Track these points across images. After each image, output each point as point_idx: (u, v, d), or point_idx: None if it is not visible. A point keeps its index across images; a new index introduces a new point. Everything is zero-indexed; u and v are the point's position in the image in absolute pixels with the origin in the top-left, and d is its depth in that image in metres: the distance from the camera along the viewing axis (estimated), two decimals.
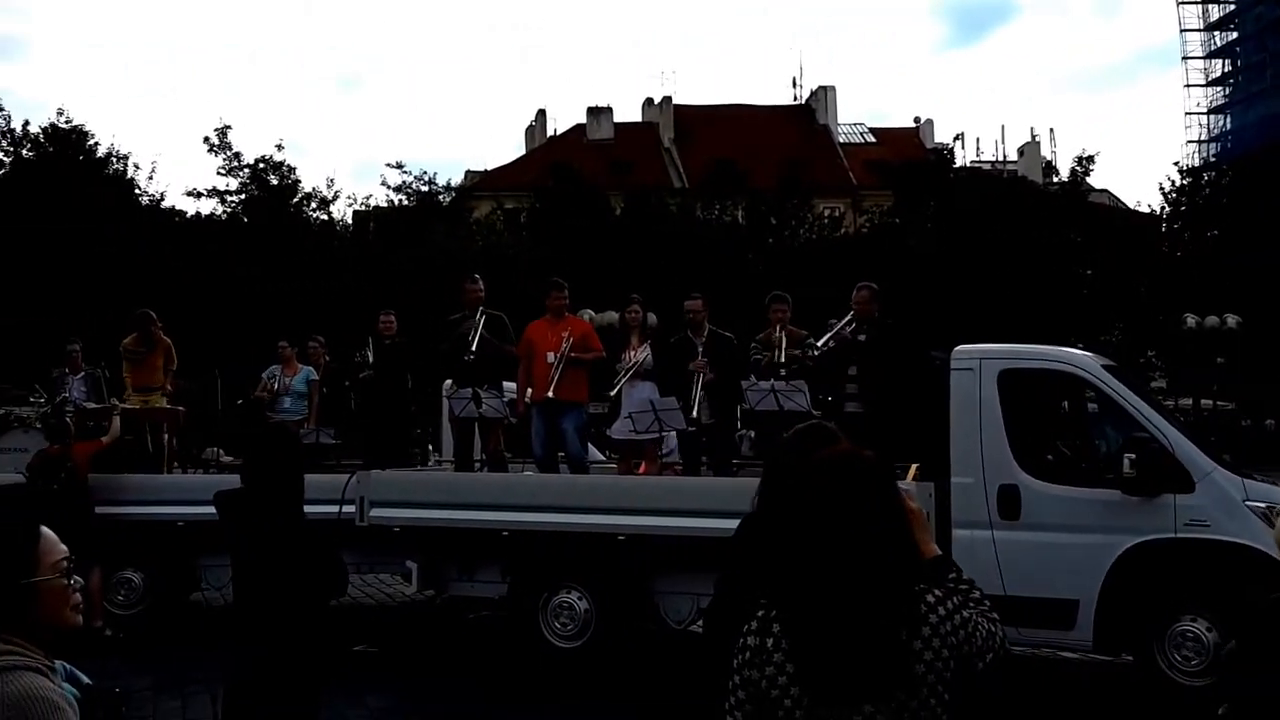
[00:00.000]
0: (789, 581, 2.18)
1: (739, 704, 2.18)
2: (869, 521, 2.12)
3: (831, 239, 31.63)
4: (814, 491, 2.18)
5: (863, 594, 2.08)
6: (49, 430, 9.90)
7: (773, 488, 3.23)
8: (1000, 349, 8.06)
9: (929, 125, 49.31)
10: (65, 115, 27.61)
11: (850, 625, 2.07)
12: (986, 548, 7.26)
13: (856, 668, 2.07)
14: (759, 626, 2.18)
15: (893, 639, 2.09)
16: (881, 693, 2.09)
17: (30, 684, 2.00)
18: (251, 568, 4.33)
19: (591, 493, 8.49)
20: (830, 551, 2.10)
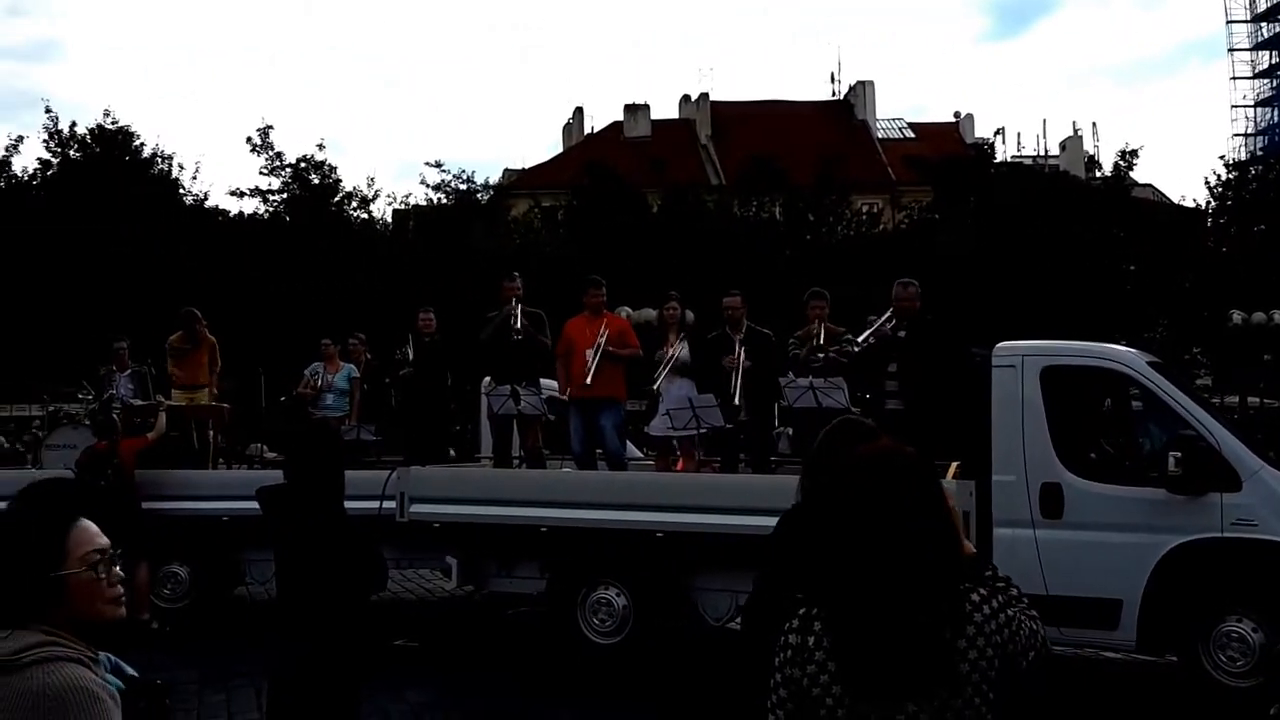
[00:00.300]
0: (830, 579, 2.16)
1: (780, 702, 2.16)
2: (910, 519, 2.09)
3: (870, 235, 31.41)
4: (854, 489, 2.16)
5: (905, 592, 2.06)
6: (96, 427, 10.08)
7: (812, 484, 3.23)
8: (1043, 346, 7.98)
9: (969, 120, 48.84)
10: (111, 116, 28.01)
11: (893, 623, 2.05)
12: (1028, 547, 7.20)
13: (899, 666, 2.05)
14: (800, 625, 2.16)
15: (936, 637, 2.06)
16: (925, 691, 2.06)
17: (71, 675, 2.02)
18: (293, 563, 4.39)
19: (629, 490, 8.51)
20: (871, 549, 2.08)
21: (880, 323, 8.59)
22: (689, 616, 8.36)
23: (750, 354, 8.92)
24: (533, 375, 9.66)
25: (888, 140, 48.76)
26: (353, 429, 10.68)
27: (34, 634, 2.07)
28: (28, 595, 2.11)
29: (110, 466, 9.44)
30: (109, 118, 27.88)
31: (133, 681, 2.25)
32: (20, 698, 1.98)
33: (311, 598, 4.26)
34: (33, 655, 2.03)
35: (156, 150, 28.22)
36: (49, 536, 2.14)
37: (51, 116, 27.45)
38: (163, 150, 28.39)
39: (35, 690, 1.98)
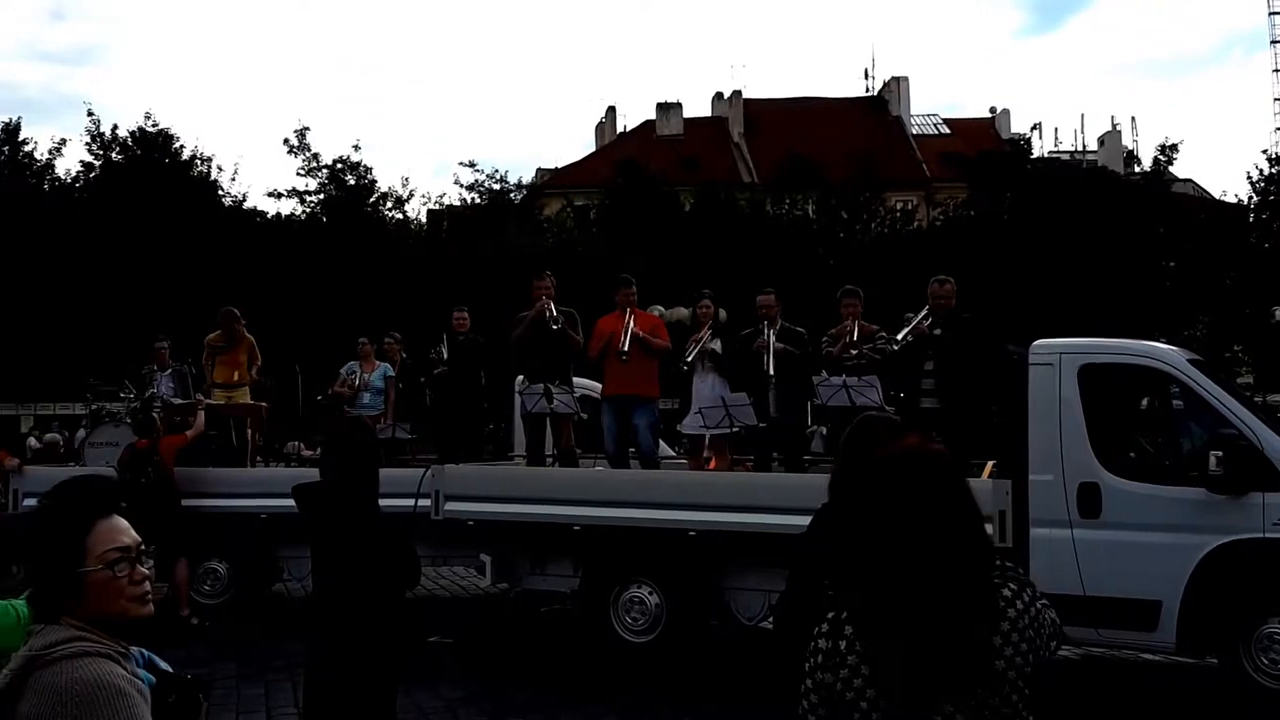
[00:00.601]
0: (860, 581, 2.12)
1: (812, 708, 2.12)
2: (941, 516, 2.06)
3: (904, 233, 31.22)
4: (881, 487, 2.12)
5: (938, 590, 2.01)
6: (137, 425, 10.21)
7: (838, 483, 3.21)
8: (1081, 343, 7.88)
9: (1005, 115, 48.40)
10: (152, 119, 28.37)
11: (927, 623, 2.01)
12: (1066, 547, 7.13)
13: (935, 667, 2.01)
14: (830, 629, 2.13)
15: (971, 635, 2.02)
16: (961, 691, 2.02)
17: (97, 670, 2.04)
18: (329, 559, 4.43)
19: (662, 488, 8.50)
20: (902, 548, 2.04)
21: (918, 320, 8.54)
22: (722, 616, 8.35)
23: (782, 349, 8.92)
24: (565, 374, 9.69)
25: (922, 136, 48.41)
26: (388, 427, 10.76)
27: (65, 629, 2.11)
28: (53, 592, 2.16)
29: (151, 464, 9.57)
30: (150, 120, 28.30)
31: (165, 676, 2.28)
32: (49, 692, 2.01)
33: (347, 594, 4.29)
34: (62, 650, 2.06)
35: (196, 152, 28.62)
36: (70, 535, 2.16)
37: (94, 119, 27.90)
38: (202, 152, 28.79)
39: (63, 685, 2.01)
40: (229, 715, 7.09)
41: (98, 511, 2.20)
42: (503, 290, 19.03)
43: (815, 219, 30.87)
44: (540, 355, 9.50)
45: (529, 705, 7.41)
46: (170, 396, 11.10)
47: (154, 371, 11.45)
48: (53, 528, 2.20)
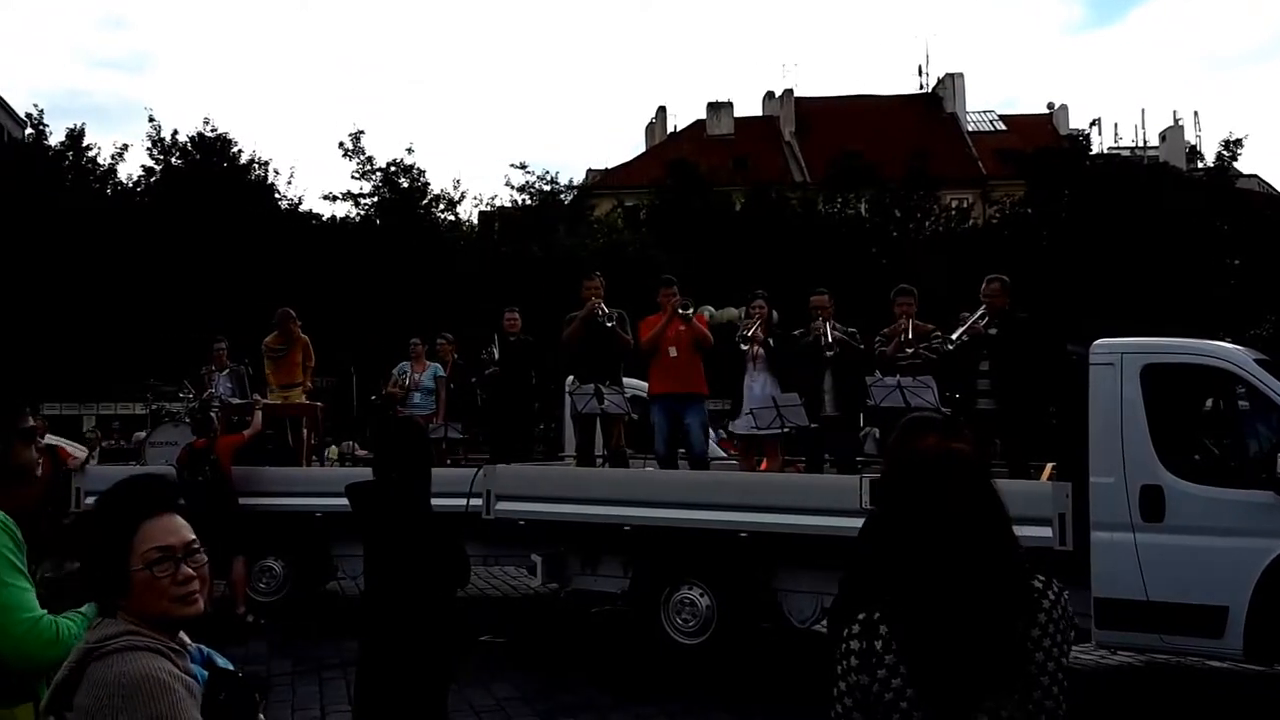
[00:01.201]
0: (897, 580, 2.08)
1: (847, 712, 2.07)
2: (973, 513, 2.04)
3: (959, 231, 30.84)
4: (913, 487, 2.11)
5: (978, 586, 1.99)
6: (195, 425, 10.36)
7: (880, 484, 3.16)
8: (1143, 343, 7.70)
9: (1063, 111, 47.65)
10: (211, 124, 28.86)
11: (969, 619, 1.98)
12: (1128, 551, 6.96)
13: (976, 664, 1.97)
14: (862, 630, 2.08)
15: (1011, 630, 2.00)
16: (1005, 687, 1.99)
17: (144, 664, 2.07)
18: (381, 558, 4.44)
19: (713, 489, 8.45)
20: (938, 545, 2.02)
21: (974, 320, 8.41)
22: (774, 618, 8.28)
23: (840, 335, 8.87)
24: (616, 374, 9.67)
25: (978, 133, 47.84)
26: (440, 427, 10.81)
27: (119, 624, 2.15)
28: (104, 589, 2.20)
29: (208, 463, 9.70)
30: (208, 125, 28.79)
31: (220, 674, 2.28)
32: (100, 684, 2.06)
33: (398, 593, 4.30)
34: (114, 644, 2.10)
35: (253, 156, 29.11)
36: (116, 534, 2.19)
37: (154, 125, 28.46)
38: (259, 156, 29.24)
39: (112, 678, 2.05)
40: (284, 712, 7.15)
41: (148, 511, 2.22)
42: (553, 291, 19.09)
43: (868, 218, 30.60)
44: (590, 355, 9.50)
45: (579, 705, 7.40)
46: (228, 396, 11.24)
47: (212, 372, 11.61)
48: (101, 526, 2.23)
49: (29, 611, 2.70)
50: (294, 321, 11.40)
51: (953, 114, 48.42)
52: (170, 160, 28.26)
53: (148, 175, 28.43)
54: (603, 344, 9.45)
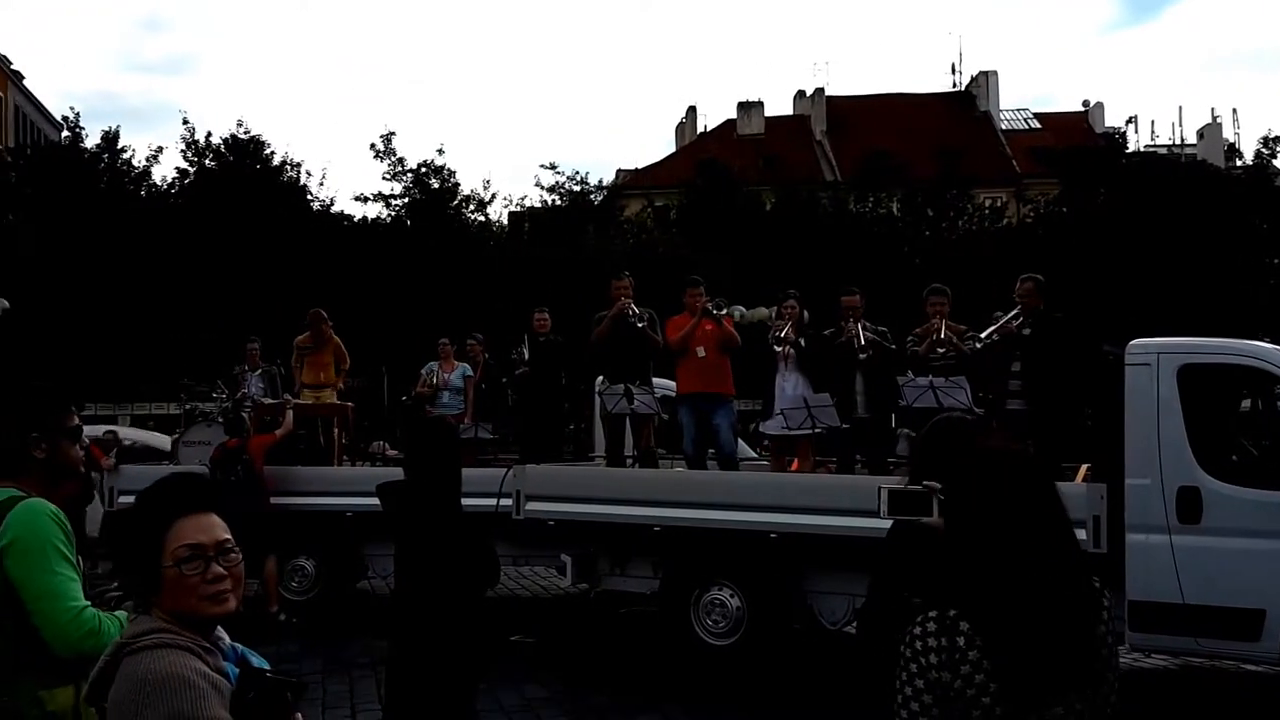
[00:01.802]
0: (978, 580, 2.12)
1: (925, 709, 2.10)
2: (1046, 516, 2.12)
3: (993, 230, 30.58)
4: (988, 490, 2.16)
5: (1053, 585, 2.09)
6: (227, 424, 10.44)
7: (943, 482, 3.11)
8: (1180, 343, 7.60)
9: (1099, 109, 47.13)
10: (244, 126, 29.09)
11: (1048, 618, 2.07)
12: (1164, 553, 6.87)
13: (1059, 662, 2.07)
14: (940, 627, 2.11)
15: (1087, 628, 2.11)
16: (1083, 685, 2.09)
17: (172, 662, 2.09)
18: (412, 557, 4.45)
19: (743, 490, 8.42)
20: (1019, 550, 2.09)
21: (1006, 319, 8.33)
22: (804, 619, 8.23)
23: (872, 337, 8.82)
24: (645, 374, 9.66)
25: (1012, 131, 47.42)
26: (470, 427, 10.84)
27: (153, 620, 2.18)
28: (138, 586, 2.24)
29: (240, 463, 9.77)
30: (241, 127, 28.99)
31: (252, 674, 2.29)
32: (129, 679, 2.09)
33: (428, 592, 4.31)
34: (146, 640, 2.13)
35: (286, 158, 29.23)
36: (149, 531, 2.22)
37: (189, 127, 28.70)
38: (292, 158, 29.39)
39: (140, 675, 2.08)
40: (315, 711, 7.19)
41: (181, 509, 2.24)
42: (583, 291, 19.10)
43: (900, 217, 30.41)
44: (620, 355, 9.49)
45: (608, 706, 7.40)
46: (260, 396, 11.33)
47: (245, 372, 11.71)
48: (135, 524, 2.26)
49: (74, 600, 2.82)
50: (326, 322, 11.47)
51: (986, 112, 48.01)
52: (204, 162, 28.48)
53: (182, 177, 28.68)
54: (632, 344, 9.44)
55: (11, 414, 3.03)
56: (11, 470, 2.98)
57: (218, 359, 15.47)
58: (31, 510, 2.86)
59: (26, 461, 2.98)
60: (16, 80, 46.83)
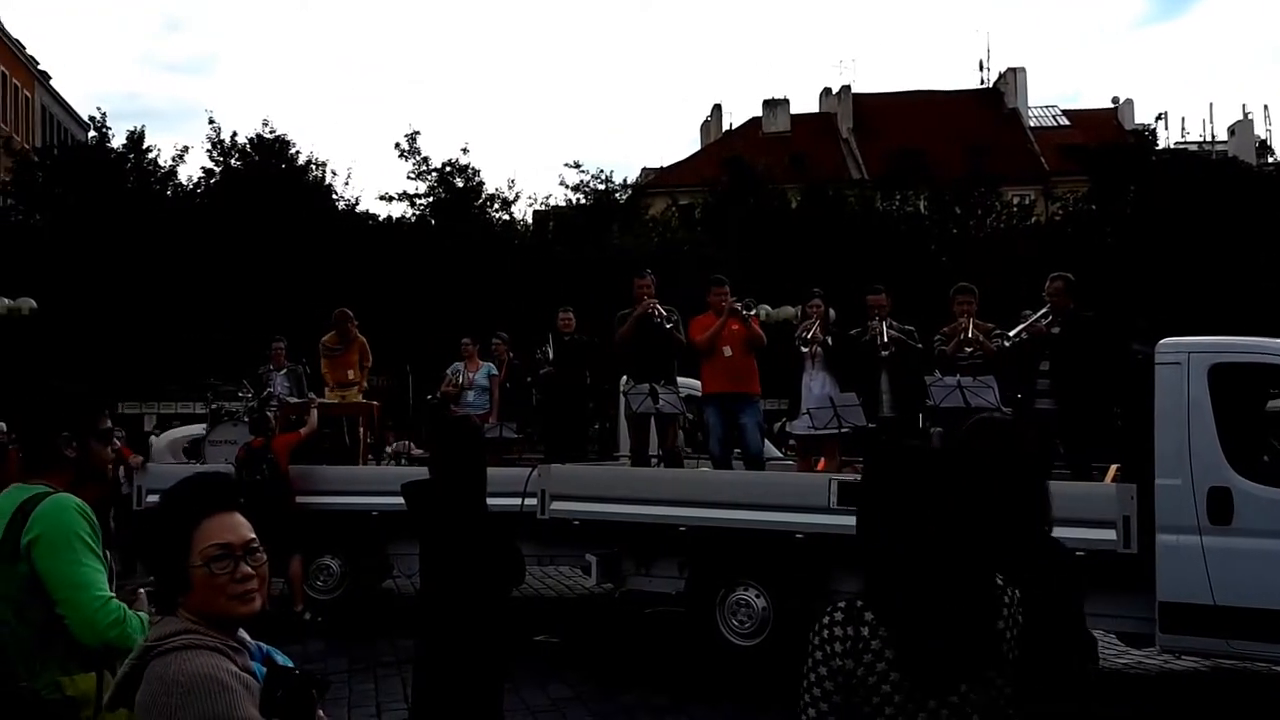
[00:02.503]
0: (881, 573, 2.26)
1: (825, 695, 2.23)
2: (953, 515, 2.23)
3: (1021, 228, 30.34)
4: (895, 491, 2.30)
5: (956, 583, 2.21)
6: (252, 424, 10.48)
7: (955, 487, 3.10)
8: (1211, 342, 7.50)
9: (1128, 105, 46.71)
10: (269, 126, 29.25)
11: (950, 612, 2.18)
12: (1194, 554, 6.78)
13: (958, 652, 2.19)
14: (846, 617, 2.23)
15: (989, 623, 2.22)
16: (977, 673, 2.21)
17: (201, 663, 2.09)
18: (436, 556, 4.45)
19: (769, 490, 8.39)
20: (927, 547, 2.21)
21: (1035, 318, 8.26)
22: None
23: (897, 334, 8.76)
24: (670, 373, 9.63)
25: (1040, 129, 47.07)
26: (495, 426, 10.85)
27: (179, 621, 2.17)
28: (166, 585, 2.24)
29: (265, 462, 9.81)
30: (267, 127, 29.14)
31: (279, 672, 2.30)
32: (158, 681, 2.08)
33: (454, 592, 4.30)
34: (173, 642, 2.13)
35: (311, 158, 29.38)
36: (177, 531, 2.22)
37: (214, 127, 28.85)
38: (317, 158, 29.54)
39: (169, 677, 2.08)
40: (340, 710, 7.21)
41: (208, 508, 2.24)
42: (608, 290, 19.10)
43: (927, 215, 30.23)
44: (645, 355, 9.47)
45: (634, 706, 7.38)
46: (285, 396, 11.37)
47: (270, 371, 11.75)
48: (163, 523, 2.26)
49: (100, 590, 2.91)
50: (351, 322, 11.50)
51: (1014, 109, 47.67)
52: (229, 162, 28.66)
53: (207, 177, 28.88)
54: (657, 343, 9.41)
55: (44, 413, 3.12)
56: (42, 468, 3.06)
57: (243, 358, 15.55)
58: (58, 504, 2.94)
59: (57, 460, 3.06)
60: (43, 80, 47.35)
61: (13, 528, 2.90)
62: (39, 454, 3.07)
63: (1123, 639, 7.79)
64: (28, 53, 45.90)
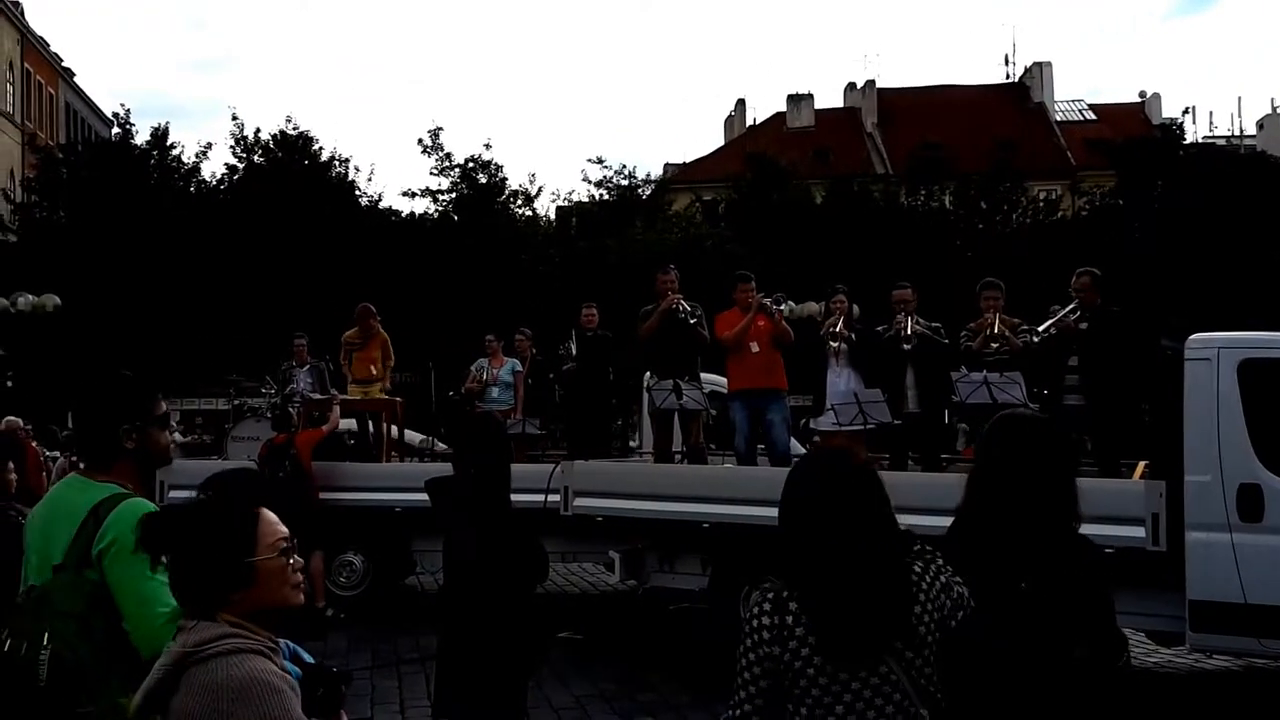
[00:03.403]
0: (803, 563, 2.48)
1: (754, 679, 2.46)
2: (867, 512, 2.49)
3: (1047, 223, 30.10)
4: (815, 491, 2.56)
5: (876, 573, 2.42)
6: (275, 420, 10.50)
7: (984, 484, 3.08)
8: (1241, 337, 7.38)
9: (1155, 100, 46.25)
10: (292, 122, 29.37)
11: (869, 600, 2.39)
12: (1225, 552, 6.68)
13: (874, 635, 2.40)
14: (773, 606, 2.45)
15: (899, 606, 2.41)
16: (894, 653, 2.41)
17: (252, 667, 2.06)
18: (460, 553, 4.43)
19: None
20: (843, 541, 2.44)
21: (1064, 314, 8.17)
22: None
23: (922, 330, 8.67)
24: (694, 369, 9.58)
25: (1067, 123, 46.68)
26: (518, 422, 10.83)
27: (218, 626, 2.12)
28: (223, 581, 2.16)
29: (288, 458, 9.81)
30: (290, 123, 29.26)
31: (310, 668, 2.29)
32: (204, 690, 2.04)
33: (476, 588, 4.29)
34: (216, 647, 2.08)
35: (334, 154, 29.48)
36: (242, 523, 2.20)
37: (238, 124, 29.00)
38: (340, 154, 29.65)
39: (218, 683, 2.04)
40: (363, 706, 7.21)
41: (259, 503, 2.25)
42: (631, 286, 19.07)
43: (953, 210, 30.04)
44: (668, 351, 9.43)
45: (658, 703, 7.35)
46: (308, 392, 11.39)
47: (293, 367, 11.78)
48: (224, 517, 2.21)
49: (165, 605, 2.73)
50: (374, 317, 11.51)
51: (1040, 104, 47.29)
52: (253, 158, 28.77)
53: (231, 173, 29.02)
54: (681, 339, 9.37)
55: (103, 406, 2.97)
56: (105, 463, 2.91)
57: (266, 355, 15.61)
58: (134, 510, 2.75)
59: (120, 452, 2.91)
60: (67, 78, 47.74)
61: (84, 532, 2.73)
62: (102, 449, 2.92)
63: (1152, 638, 7.69)
64: (51, 50, 46.31)
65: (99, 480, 2.87)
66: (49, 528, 2.82)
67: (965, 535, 2.82)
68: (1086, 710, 2.50)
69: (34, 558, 2.83)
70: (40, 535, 2.83)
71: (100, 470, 2.90)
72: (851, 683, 2.39)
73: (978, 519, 2.76)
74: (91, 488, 2.85)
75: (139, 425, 2.93)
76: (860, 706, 2.40)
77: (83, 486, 2.87)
